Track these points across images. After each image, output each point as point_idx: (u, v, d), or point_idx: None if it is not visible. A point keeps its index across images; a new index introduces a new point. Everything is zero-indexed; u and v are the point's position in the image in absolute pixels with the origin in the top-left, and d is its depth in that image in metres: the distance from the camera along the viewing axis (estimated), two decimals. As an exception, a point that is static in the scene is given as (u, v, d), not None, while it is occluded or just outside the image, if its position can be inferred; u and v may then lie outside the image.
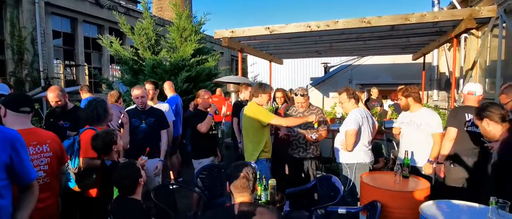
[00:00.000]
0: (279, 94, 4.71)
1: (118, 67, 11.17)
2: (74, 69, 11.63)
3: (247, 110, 3.40)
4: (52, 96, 3.18)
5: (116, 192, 2.20)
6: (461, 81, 7.61)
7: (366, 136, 3.28)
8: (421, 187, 2.63)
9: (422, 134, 3.16)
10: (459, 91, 7.25)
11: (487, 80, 6.93)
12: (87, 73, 12.02)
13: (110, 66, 12.36)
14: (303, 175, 3.83)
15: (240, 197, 1.81)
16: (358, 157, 3.24)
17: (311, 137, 3.58)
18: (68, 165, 2.50)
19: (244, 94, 4.73)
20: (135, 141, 3.36)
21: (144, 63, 7.72)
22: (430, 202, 2.25)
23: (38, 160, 2.09)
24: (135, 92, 3.47)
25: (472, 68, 7.24)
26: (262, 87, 3.39)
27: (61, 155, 2.28)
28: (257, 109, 3.31)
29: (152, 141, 3.43)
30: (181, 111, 5.01)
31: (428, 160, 3.14)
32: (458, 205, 2.20)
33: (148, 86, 4.10)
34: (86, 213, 2.71)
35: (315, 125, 3.42)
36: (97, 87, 10.84)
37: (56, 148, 2.21)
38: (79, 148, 2.57)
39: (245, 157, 3.42)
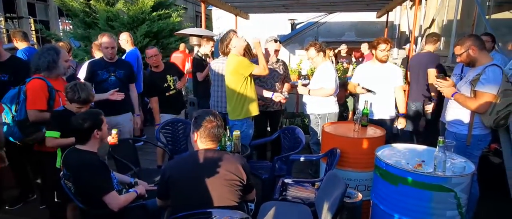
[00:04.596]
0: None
1: (69, 21, 10.17)
2: (17, 22, 10.40)
3: (227, 65, 3.03)
4: None
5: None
6: (419, 39, 7.92)
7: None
8: (378, 134, 2.78)
9: (388, 86, 3.27)
10: (417, 49, 7.57)
11: (442, 39, 7.26)
12: (33, 28, 10.85)
13: (59, 20, 11.22)
14: (268, 128, 3.88)
15: (206, 145, 1.77)
16: (329, 108, 3.37)
17: (284, 98, 3.41)
18: (11, 116, 2.29)
19: (204, 48, 4.52)
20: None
21: (97, 15, 7.06)
22: (385, 145, 2.39)
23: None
24: (105, 39, 3.15)
25: (430, 27, 7.52)
26: (223, 39, 3.02)
27: None
28: (237, 61, 2.91)
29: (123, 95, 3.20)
30: (141, 66, 4.73)
31: (401, 114, 3.35)
32: (411, 148, 2.36)
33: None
34: (37, 166, 2.55)
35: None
36: (45, 44, 9.87)
37: None
38: (26, 98, 2.35)
39: (229, 115, 3.11)
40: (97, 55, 4.26)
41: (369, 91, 3.29)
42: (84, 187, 1.82)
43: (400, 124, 3.38)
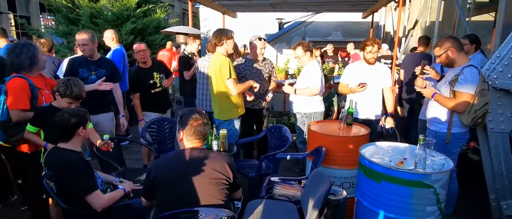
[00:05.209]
0: None
1: (51, 17, 9.88)
2: (-4, 17, 10.03)
3: (212, 63, 3.03)
4: None
5: None
6: (403, 40, 8.11)
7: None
8: (363, 133, 2.84)
9: (377, 86, 3.30)
10: (401, 50, 7.75)
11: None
12: (13, 24, 10.51)
13: (41, 15, 10.88)
14: (254, 126, 3.90)
15: (193, 144, 1.76)
16: (315, 107, 3.42)
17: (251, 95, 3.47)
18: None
19: (191, 47, 4.48)
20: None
21: (81, 11, 6.90)
22: (369, 143, 2.44)
23: None
24: (77, 36, 3.09)
25: (413, 27, 7.71)
26: (223, 32, 2.99)
27: None
28: (221, 61, 2.90)
29: (103, 95, 3.11)
30: (127, 64, 4.64)
31: (389, 114, 3.40)
32: (394, 146, 2.42)
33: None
34: (19, 167, 2.49)
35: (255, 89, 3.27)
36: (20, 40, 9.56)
37: None
38: (6, 98, 2.28)
39: (214, 114, 3.13)
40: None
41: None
42: (67, 187, 1.79)
43: (388, 123, 3.45)
